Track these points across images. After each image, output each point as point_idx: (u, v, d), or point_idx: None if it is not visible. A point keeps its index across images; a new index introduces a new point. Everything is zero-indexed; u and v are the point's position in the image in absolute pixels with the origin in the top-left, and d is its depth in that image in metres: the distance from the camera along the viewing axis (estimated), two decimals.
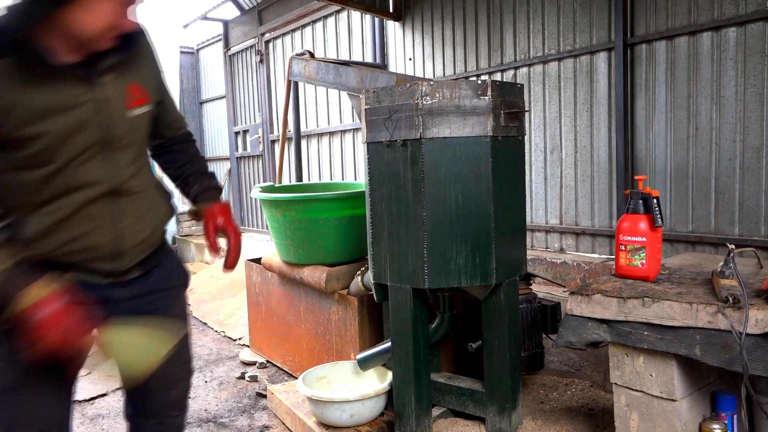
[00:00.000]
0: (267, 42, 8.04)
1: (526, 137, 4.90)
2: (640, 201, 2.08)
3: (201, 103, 9.89)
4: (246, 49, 8.48)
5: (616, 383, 2.01)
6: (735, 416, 1.98)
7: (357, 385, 2.60)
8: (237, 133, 8.80)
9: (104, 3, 1.21)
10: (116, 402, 3.07)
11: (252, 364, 3.55)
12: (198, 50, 9.80)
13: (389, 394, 2.39)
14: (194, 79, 9.84)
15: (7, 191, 1.29)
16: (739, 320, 1.67)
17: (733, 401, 1.97)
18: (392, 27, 6.29)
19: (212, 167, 8.47)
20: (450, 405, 2.46)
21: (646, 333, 1.87)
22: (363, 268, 2.74)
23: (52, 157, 1.26)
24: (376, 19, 6.29)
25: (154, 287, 1.52)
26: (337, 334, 2.87)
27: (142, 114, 1.44)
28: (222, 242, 1.62)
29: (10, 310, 1.19)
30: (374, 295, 2.43)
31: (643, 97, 4.26)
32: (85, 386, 3.29)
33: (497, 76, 5.25)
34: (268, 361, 3.52)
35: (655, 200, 2.07)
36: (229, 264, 1.61)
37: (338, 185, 3.83)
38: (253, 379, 3.29)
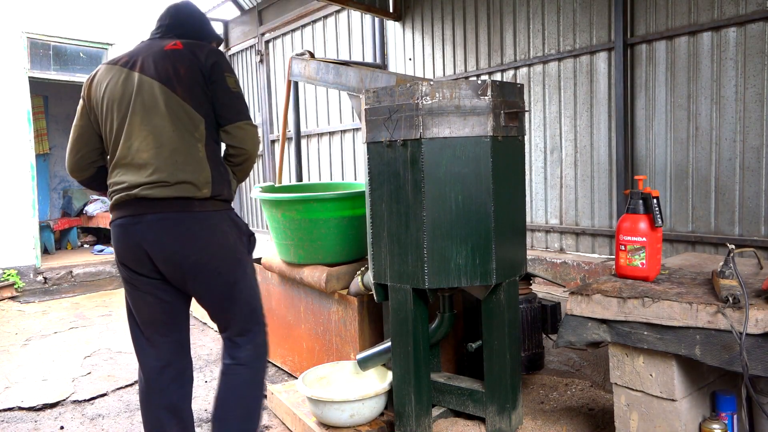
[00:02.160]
0: (267, 42, 8.04)
1: (526, 137, 4.91)
2: (640, 201, 2.08)
3: None
4: (246, 49, 8.48)
5: (616, 383, 2.02)
6: (735, 416, 1.98)
7: (357, 385, 2.60)
8: None
9: None
10: (116, 402, 3.07)
11: None
12: None
13: (389, 394, 2.39)
14: None
15: None
16: (739, 320, 1.67)
17: (733, 401, 1.97)
18: (392, 27, 6.29)
19: None
20: (450, 405, 2.46)
21: (646, 333, 1.87)
22: (363, 268, 2.74)
23: None
24: (376, 19, 6.29)
25: None
26: (337, 334, 2.87)
27: None
28: None
29: None
30: (374, 295, 2.43)
31: (643, 97, 4.26)
32: (85, 386, 3.29)
33: (497, 76, 5.25)
34: (268, 361, 3.52)
35: (655, 200, 2.07)
36: None
37: (338, 185, 3.83)
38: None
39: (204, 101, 1.93)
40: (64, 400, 3.11)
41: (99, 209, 8.13)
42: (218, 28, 8.91)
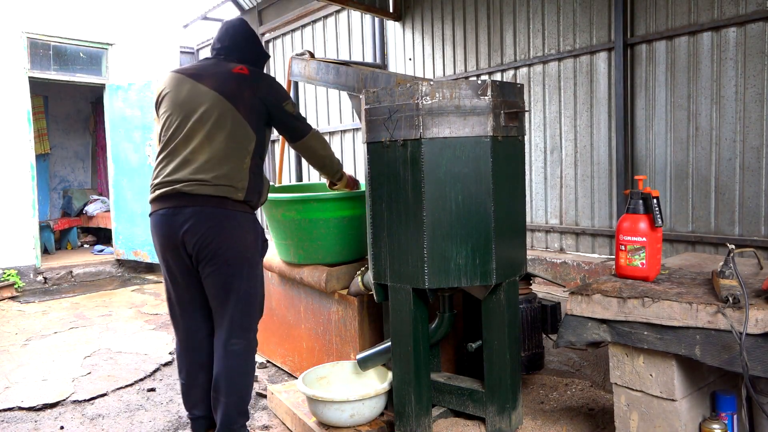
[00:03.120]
0: (267, 42, 8.04)
1: (526, 137, 4.90)
2: (640, 201, 2.08)
3: None
4: None
5: (616, 383, 2.02)
6: (735, 416, 1.98)
7: (357, 385, 2.60)
8: None
9: None
10: (116, 402, 3.07)
11: None
12: (198, 50, 9.81)
13: (389, 394, 2.39)
14: None
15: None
16: (739, 320, 1.67)
17: (733, 401, 1.97)
18: (392, 27, 6.29)
19: None
20: (450, 405, 2.46)
21: (646, 333, 1.87)
22: (363, 268, 2.74)
23: None
24: (376, 19, 6.30)
25: None
26: (337, 334, 2.87)
27: None
28: None
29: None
30: (374, 295, 2.43)
31: (643, 97, 4.26)
32: (85, 386, 3.29)
33: (497, 76, 5.25)
34: (268, 361, 3.52)
35: (655, 200, 2.07)
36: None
37: None
38: (254, 379, 3.29)
39: (259, 123, 2.27)
40: (64, 400, 3.11)
41: (99, 209, 8.13)
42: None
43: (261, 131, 2.28)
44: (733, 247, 1.95)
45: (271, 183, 3.88)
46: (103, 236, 8.23)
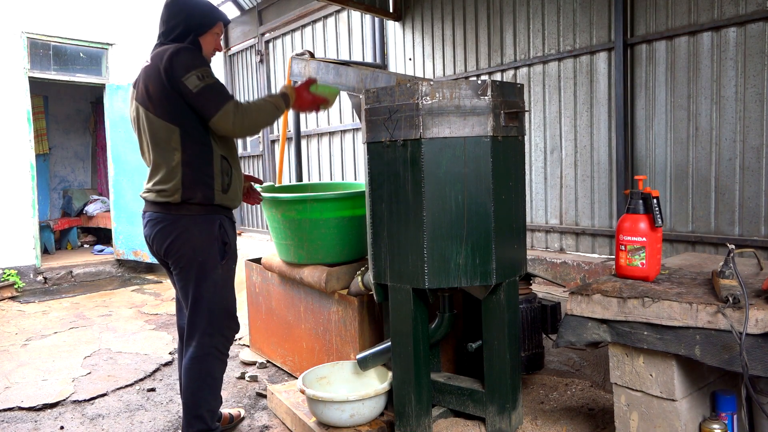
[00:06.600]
0: (267, 42, 8.04)
1: (526, 137, 4.91)
2: (640, 201, 2.08)
3: None
4: (246, 49, 8.48)
5: (616, 383, 2.02)
6: (735, 416, 1.98)
7: (357, 385, 2.60)
8: None
9: (210, 38, 2.33)
10: (116, 402, 3.07)
11: (252, 364, 3.55)
12: None
13: (389, 394, 2.39)
14: None
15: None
16: (739, 320, 1.67)
17: (733, 401, 1.97)
18: (392, 27, 6.29)
19: None
20: (450, 405, 2.46)
21: (646, 333, 1.87)
22: (363, 268, 2.74)
23: None
24: (376, 19, 6.29)
25: None
26: (337, 334, 2.87)
27: None
28: None
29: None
30: (374, 295, 2.43)
31: (643, 97, 4.26)
32: (85, 386, 3.29)
33: (497, 76, 5.25)
34: (268, 361, 3.52)
35: (655, 200, 2.07)
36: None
37: (338, 185, 3.83)
38: (253, 379, 3.29)
39: (176, 110, 2.15)
40: (64, 400, 3.11)
41: (99, 209, 8.13)
42: None
43: (185, 116, 2.15)
44: (733, 247, 1.95)
45: (271, 183, 3.88)
46: (103, 236, 8.23)
